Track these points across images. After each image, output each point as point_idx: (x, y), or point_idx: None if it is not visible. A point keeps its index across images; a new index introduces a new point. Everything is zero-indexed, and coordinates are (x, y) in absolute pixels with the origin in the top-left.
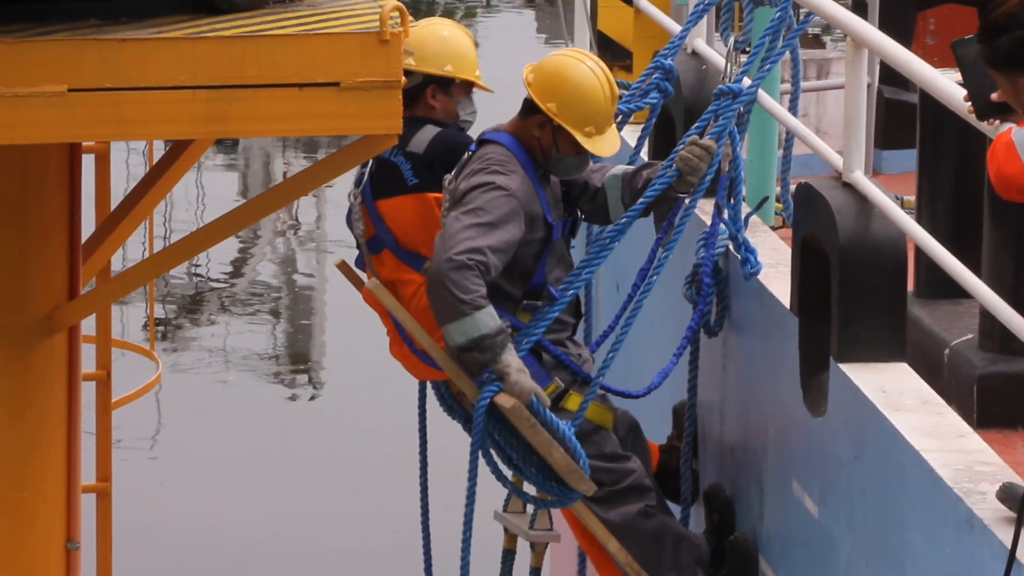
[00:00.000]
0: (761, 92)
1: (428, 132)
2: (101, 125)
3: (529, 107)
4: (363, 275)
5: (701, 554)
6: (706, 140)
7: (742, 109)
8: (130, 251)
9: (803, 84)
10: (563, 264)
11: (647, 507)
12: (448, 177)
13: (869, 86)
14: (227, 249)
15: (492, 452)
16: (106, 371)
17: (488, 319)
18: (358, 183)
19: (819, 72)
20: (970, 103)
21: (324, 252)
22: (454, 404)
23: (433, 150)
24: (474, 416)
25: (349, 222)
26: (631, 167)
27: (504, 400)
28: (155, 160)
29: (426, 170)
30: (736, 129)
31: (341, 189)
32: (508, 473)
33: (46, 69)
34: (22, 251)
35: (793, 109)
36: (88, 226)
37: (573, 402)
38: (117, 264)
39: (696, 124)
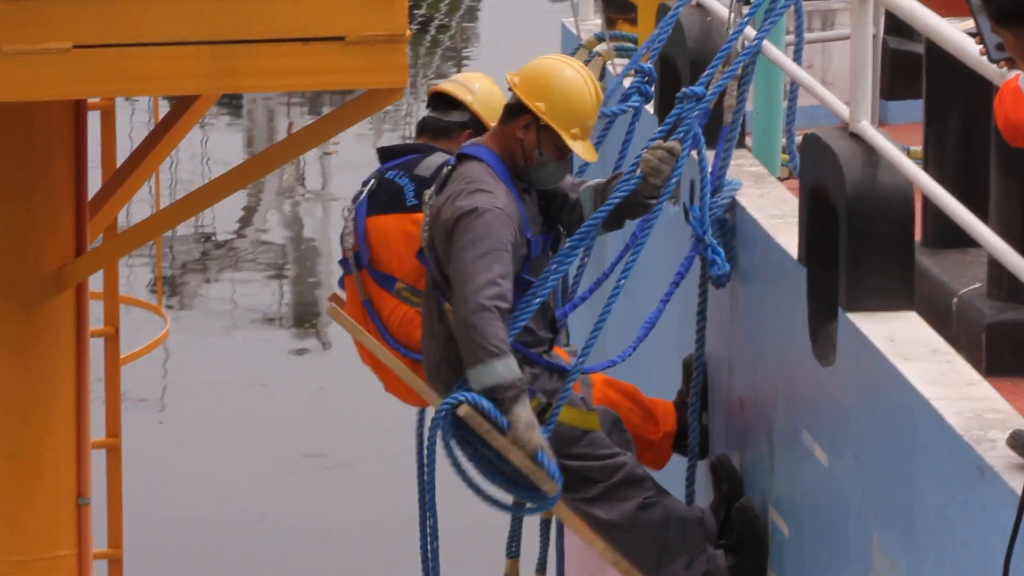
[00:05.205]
0: (766, 43)
1: (438, 158)
2: (106, 81)
3: (512, 110)
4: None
5: (706, 529)
6: (670, 143)
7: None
8: (135, 210)
9: (808, 35)
10: None
11: (645, 499)
12: (428, 192)
13: (875, 36)
14: (233, 207)
15: (463, 462)
16: (114, 327)
17: (504, 370)
18: (355, 199)
19: (824, 23)
20: (981, 45)
21: (329, 207)
22: None
23: (438, 175)
24: (431, 424)
25: (342, 238)
26: (604, 179)
27: (460, 409)
28: (160, 117)
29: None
30: (700, 131)
31: (346, 144)
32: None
33: (50, 26)
34: (29, 209)
35: (798, 60)
36: (94, 183)
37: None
38: (123, 223)
39: (659, 128)
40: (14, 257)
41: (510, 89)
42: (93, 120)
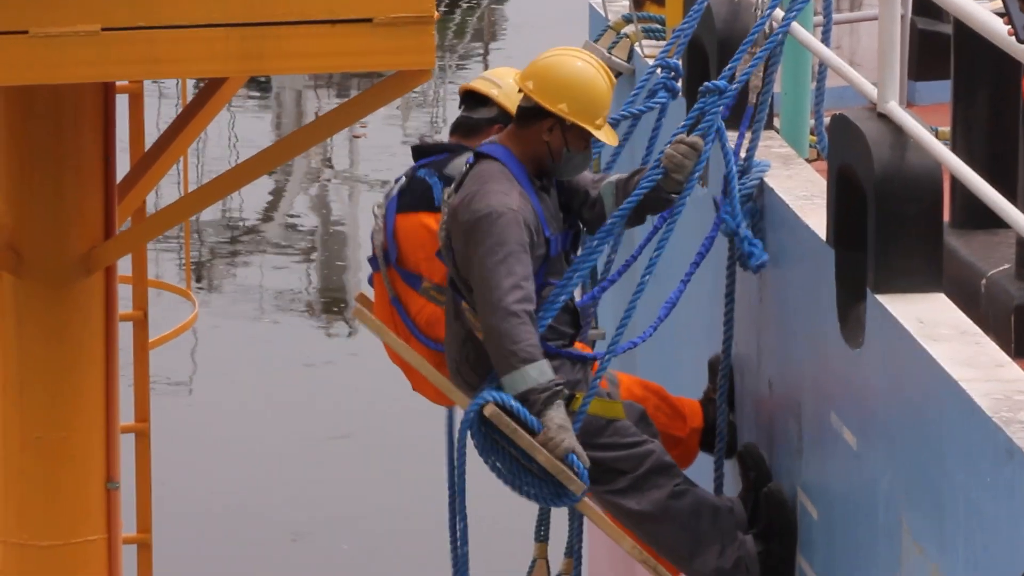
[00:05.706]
0: (794, 24)
1: (466, 158)
2: (135, 64)
3: (530, 113)
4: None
5: (737, 516)
6: (692, 137)
7: (779, 38)
8: (164, 193)
9: (836, 16)
10: None
11: (676, 487)
12: (448, 191)
13: (903, 17)
14: (260, 190)
15: (494, 459)
16: (143, 311)
17: (537, 374)
18: (386, 196)
19: (852, 4)
20: (1010, 26)
21: (357, 191)
22: None
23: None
24: (460, 425)
25: (372, 235)
26: (625, 174)
27: (486, 409)
28: (188, 100)
29: None
30: (723, 126)
31: (375, 126)
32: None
33: (79, 8)
34: (58, 191)
35: (826, 41)
36: (123, 167)
37: (579, 403)
38: (151, 207)
39: (682, 123)
40: (43, 240)
41: (521, 91)
42: (121, 103)
